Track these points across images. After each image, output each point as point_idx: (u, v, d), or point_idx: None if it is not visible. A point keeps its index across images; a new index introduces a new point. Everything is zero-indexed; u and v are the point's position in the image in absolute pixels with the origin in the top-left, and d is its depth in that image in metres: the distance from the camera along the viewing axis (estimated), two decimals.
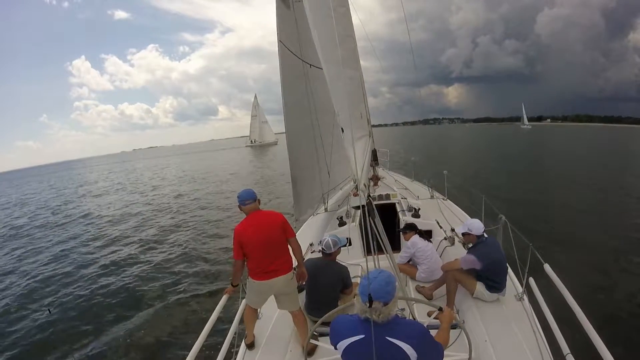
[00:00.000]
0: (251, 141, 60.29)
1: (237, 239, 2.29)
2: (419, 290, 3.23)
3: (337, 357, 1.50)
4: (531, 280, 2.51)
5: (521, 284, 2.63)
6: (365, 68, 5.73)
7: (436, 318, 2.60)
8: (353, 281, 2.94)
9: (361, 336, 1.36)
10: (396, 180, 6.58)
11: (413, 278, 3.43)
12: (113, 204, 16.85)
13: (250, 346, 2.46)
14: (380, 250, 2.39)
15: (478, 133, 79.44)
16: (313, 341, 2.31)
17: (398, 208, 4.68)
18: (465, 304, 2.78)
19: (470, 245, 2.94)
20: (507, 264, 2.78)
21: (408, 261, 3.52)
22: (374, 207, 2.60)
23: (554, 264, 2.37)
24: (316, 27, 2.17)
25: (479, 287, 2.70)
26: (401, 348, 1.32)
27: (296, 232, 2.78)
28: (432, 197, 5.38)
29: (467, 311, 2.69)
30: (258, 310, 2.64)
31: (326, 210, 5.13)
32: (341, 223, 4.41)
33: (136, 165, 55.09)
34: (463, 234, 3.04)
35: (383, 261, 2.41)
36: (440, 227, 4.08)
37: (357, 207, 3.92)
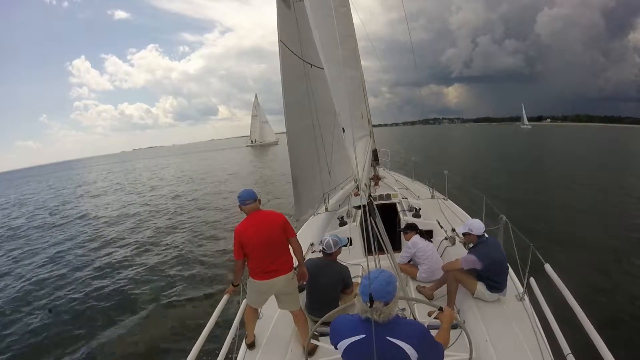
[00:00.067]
0: (252, 141, 60.15)
1: (238, 239, 2.29)
2: (420, 290, 3.24)
3: (338, 357, 1.50)
4: (532, 280, 2.51)
5: (522, 284, 2.63)
6: (365, 68, 5.74)
7: (437, 318, 2.60)
8: (354, 281, 2.94)
9: (362, 336, 1.36)
10: (397, 180, 6.58)
11: (414, 278, 3.43)
12: (111, 205, 16.80)
13: (250, 346, 2.46)
14: (381, 250, 2.39)
15: (478, 133, 79.38)
16: (314, 341, 2.31)
17: (399, 208, 4.68)
18: (465, 304, 2.78)
19: (471, 245, 2.94)
20: (508, 264, 2.78)
21: (409, 261, 3.53)
22: (375, 207, 2.60)
23: (555, 264, 2.37)
24: (317, 27, 2.17)
25: (480, 287, 2.70)
26: (402, 348, 1.32)
27: (297, 232, 2.78)
28: (433, 197, 5.38)
29: (468, 311, 2.69)
30: (259, 310, 2.64)
31: (327, 210, 5.13)
32: (342, 223, 4.42)
33: (136, 165, 55.02)
34: (464, 234, 3.04)
35: (384, 261, 2.41)
36: (441, 227, 4.09)
37: (358, 207, 3.91)
